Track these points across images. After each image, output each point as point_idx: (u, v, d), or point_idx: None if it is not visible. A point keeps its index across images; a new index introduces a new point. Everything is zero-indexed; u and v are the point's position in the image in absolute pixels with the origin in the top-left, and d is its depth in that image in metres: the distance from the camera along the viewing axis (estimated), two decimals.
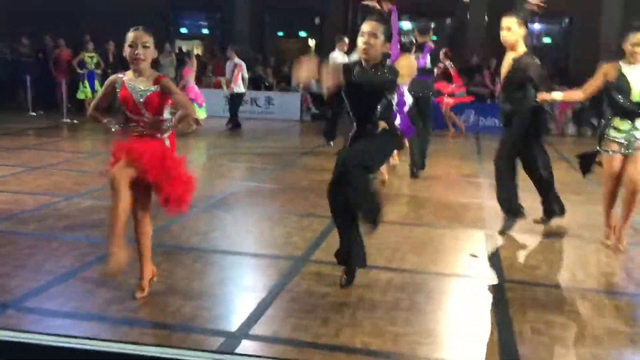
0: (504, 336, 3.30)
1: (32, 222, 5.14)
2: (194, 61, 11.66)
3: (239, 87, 12.01)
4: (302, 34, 19.88)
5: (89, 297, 3.62)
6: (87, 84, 13.13)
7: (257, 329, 3.30)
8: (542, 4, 4.85)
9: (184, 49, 17.59)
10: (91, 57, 13.18)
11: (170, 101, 3.58)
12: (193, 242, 4.79)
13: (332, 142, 9.68)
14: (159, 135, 3.54)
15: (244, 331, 3.27)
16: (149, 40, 3.49)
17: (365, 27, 3.71)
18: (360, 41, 3.71)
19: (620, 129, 4.56)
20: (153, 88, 3.50)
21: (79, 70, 13.14)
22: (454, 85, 11.75)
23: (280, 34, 20.13)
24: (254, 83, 15.44)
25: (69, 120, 12.29)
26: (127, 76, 3.56)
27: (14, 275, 3.92)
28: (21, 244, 4.54)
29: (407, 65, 6.55)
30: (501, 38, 4.91)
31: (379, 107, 3.71)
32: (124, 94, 3.52)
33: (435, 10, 17.73)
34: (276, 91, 15.10)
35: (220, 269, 4.24)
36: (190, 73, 11.18)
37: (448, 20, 18.14)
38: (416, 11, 18.70)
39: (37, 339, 1.37)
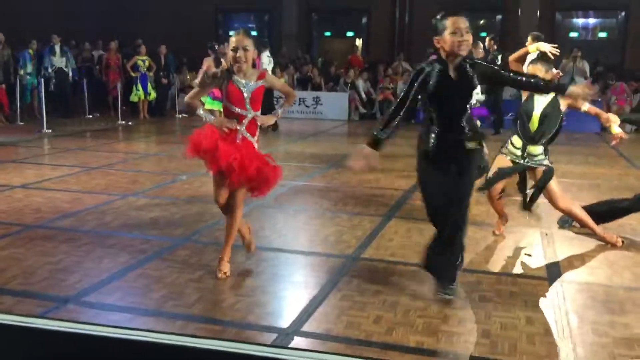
0: (562, 337, 3.20)
1: (91, 219, 5.31)
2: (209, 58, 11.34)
3: None
4: (350, 33, 19.87)
5: (146, 293, 3.70)
6: (140, 86, 13.48)
7: (309, 326, 3.31)
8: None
9: None
10: (143, 61, 13.52)
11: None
12: None
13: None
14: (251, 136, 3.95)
15: (296, 328, 3.28)
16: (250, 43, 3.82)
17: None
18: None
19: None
20: (260, 82, 3.87)
21: (132, 74, 13.50)
22: None
23: (328, 34, 20.18)
24: (302, 83, 15.53)
25: (123, 122, 12.63)
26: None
27: (74, 270, 4.05)
28: (81, 240, 4.69)
29: None
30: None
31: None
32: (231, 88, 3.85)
33: (485, 6, 17.43)
34: (324, 91, 15.13)
35: (273, 266, 4.26)
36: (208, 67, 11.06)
37: (499, 17, 17.79)
38: (466, 8, 18.45)
39: (99, 330, 1.41)
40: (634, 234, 5.05)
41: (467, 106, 3.51)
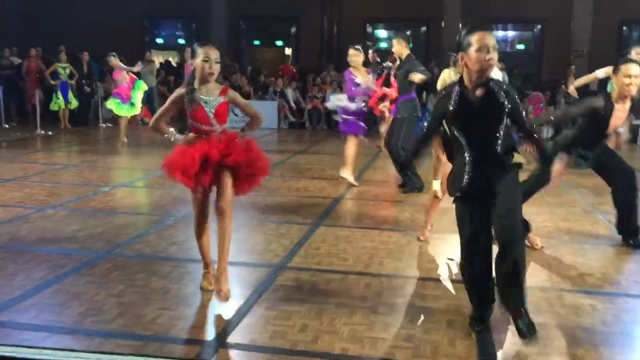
0: (483, 338, 3.29)
1: (4, 234, 5.04)
2: (120, 64, 11.00)
3: None
4: (279, 42, 19.91)
5: (63, 310, 3.54)
6: (60, 95, 12.98)
7: (234, 337, 3.26)
8: None
9: (162, 60, 17.44)
10: (64, 68, 13.03)
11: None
12: (170, 252, 4.73)
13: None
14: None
15: (220, 340, 3.22)
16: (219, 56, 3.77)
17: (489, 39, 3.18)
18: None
19: None
20: (221, 99, 3.73)
21: (51, 82, 12.97)
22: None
23: (257, 42, 20.14)
24: None
25: (42, 132, 12.10)
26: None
27: None
28: None
29: None
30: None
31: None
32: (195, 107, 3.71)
33: (410, 17, 17.92)
34: (253, 100, 15.06)
35: (197, 278, 4.17)
36: (120, 74, 10.81)
37: (423, 28, 18.31)
38: (391, 19, 18.89)
39: (10, 351, 1.33)
40: (549, 236, 5.28)
41: (498, 133, 3.20)
